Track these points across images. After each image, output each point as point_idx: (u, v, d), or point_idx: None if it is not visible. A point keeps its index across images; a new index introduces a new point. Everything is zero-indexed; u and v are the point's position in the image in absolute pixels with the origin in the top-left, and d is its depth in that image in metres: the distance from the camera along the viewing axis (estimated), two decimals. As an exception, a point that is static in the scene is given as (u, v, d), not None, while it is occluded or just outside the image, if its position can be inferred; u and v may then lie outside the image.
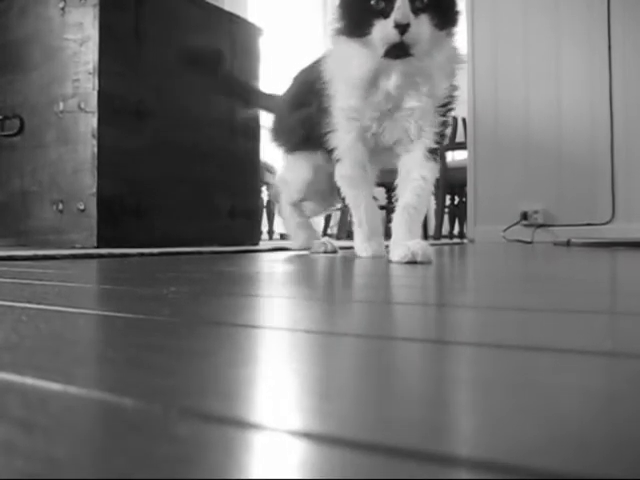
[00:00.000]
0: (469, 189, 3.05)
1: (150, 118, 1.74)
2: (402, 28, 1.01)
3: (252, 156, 2.14)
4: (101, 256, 1.22)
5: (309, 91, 1.26)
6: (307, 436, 0.16)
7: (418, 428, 0.16)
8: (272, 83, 2.46)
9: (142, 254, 1.29)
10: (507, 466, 0.13)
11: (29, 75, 1.72)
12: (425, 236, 1.10)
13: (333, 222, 4.24)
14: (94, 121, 1.59)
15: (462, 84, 1.31)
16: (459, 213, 3.74)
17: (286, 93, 1.46)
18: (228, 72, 1.41)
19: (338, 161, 1.19)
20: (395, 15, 1.01)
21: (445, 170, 3.15)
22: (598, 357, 0.26)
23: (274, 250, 1.72)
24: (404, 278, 0.70)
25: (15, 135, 1.74)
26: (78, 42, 1.63)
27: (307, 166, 1.37)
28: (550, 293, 0.54)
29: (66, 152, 1.63)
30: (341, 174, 1.20)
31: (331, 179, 1.25)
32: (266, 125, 1.73)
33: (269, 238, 3.81)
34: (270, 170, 3.70)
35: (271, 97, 1.61)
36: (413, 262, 0.94)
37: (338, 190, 1.24)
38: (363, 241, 1.20)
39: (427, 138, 1.14)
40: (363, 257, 1.17)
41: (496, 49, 2.90)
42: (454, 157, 3.59)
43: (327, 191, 1.41)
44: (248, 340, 0.31)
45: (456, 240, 3.48)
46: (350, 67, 1.12)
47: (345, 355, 0.27)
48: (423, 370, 0.24)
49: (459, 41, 1.18)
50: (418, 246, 0.97)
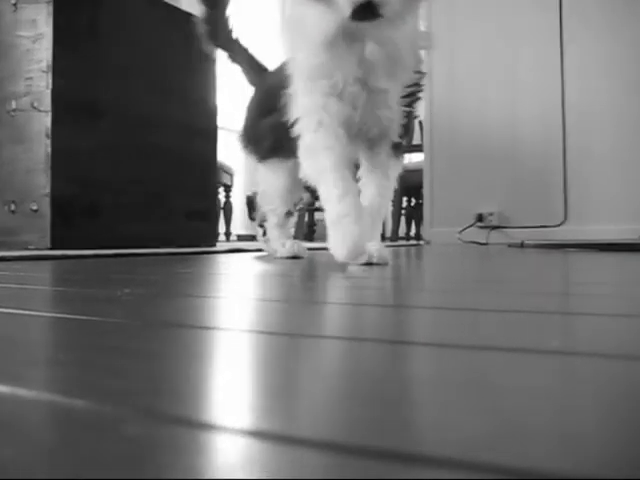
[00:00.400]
0: (425, 191, 3.08)
1: (106, 118, 1.72)
2: None
3: (209, 157, 2.13)
4: (54, 257, 1.20)
5: (276, 95, 1.14)
6: (259, 435, 0.16)
7: (372, 426, 0.17)
8: (230, 85, 2.45)
9: (97, 255, 1.28)
10: (461, 462, 0.14)
11: (-20, 72, 1.69)
12: (382, 237, 1.06)
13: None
14: (48, 120, 1.56)
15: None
16: (415, 215, 3.77)
17: (252, 99, 1.38)
18: None
19: (300, 138, 0.99)
20: None
21: (402, 172, 3.17)
22: (545, 356, 0.26)
23: (231, 252, 1.71)
24: (360, 279, 0.70)
25: (-35, 134, 1.70)
26: (31, 39, 1.60)
27: (284, 174, 1.27)
28: (502, 294, 0.55)
29: (19, 152, 1.60)
30: (305, 148, 0.99)
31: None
32: (225, 127, 1.70)
33: (226, 240, 3.79)
34: (227, 171, 3.69)
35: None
36: (369, 264, 0.95)
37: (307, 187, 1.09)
38: (348, 242, 0.92)
39: (390, 133, 1.03)
40: (343, 262, 0.93)
41: (452, 53, 2.93)
42: (411, 159, 3.61)
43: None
44: (202, 341, 0.31)
45: (412, 241, 3.51)
46: (311, 28, 0.97)
47: (298, 355, 0.27)
48: (378, 370, 0.24)
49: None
50: (374, 248, 0.97)
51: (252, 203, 1.44)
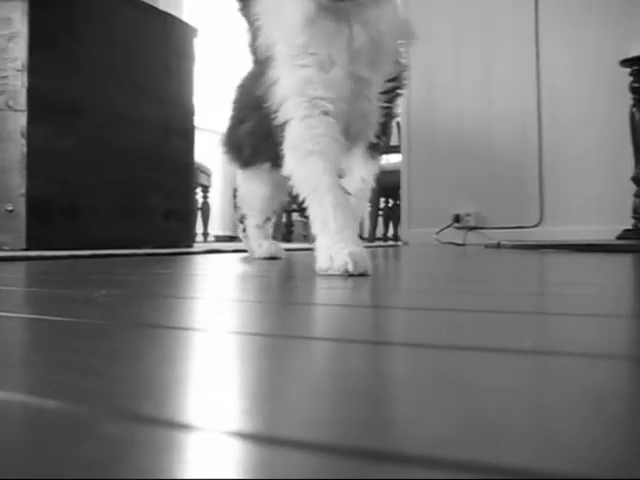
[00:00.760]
0: (403, 192, 3.09)
1: (82, 117, 1.70)
2: None
3: (186, 157, 2.12)
4: (30, 258, 1.19)
5: (252, 97, 1.08)
6: (237, 435, 0.16)
7: (351, 426, 0.17)
8: (207, 84, 2.44)
9: (73, 256, 1.27)
10: (437, 460, 0.14)
11: (-47, 71, 1.67)
12: (360, 238, 1.01)
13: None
14: (23, 120, 1.54)
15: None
16: (393, 216, 3.78)
17: (233, 101, 1.32)
18: None
19: (283, 128, 0.89)
20: None
21: (379, 173, 3.18)
22: (520, 355, 0.26)
23: (209, 252, 1.71)
24: (337, 280, 0.70)
25: (-62, 133, 1.68)
26: (6, 38, 1.58)
27: (264, 183, 1.24)
28: (479, 294, 0.55)
29: (-7, 151, 1.58)
30: (292, 142, 0.88)
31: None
32: (202, 127, 1.68)
33: (204, 240, 3.78)
34: (205, 172, 3.67)
35: None
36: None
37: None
38: (337, 249, 0.78)
39: (369, 130, 0.95)
40: (330, 274, 0.77)
41: (429, 54, 2.95)
42: (388, 160, 3.63)
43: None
44: (179, 342, 0.31)
45: (390, 242, 3.52)
46: (290, 9, 0.88)
47: (276, 356, 0.27)
48: (356, 370, 0.25)
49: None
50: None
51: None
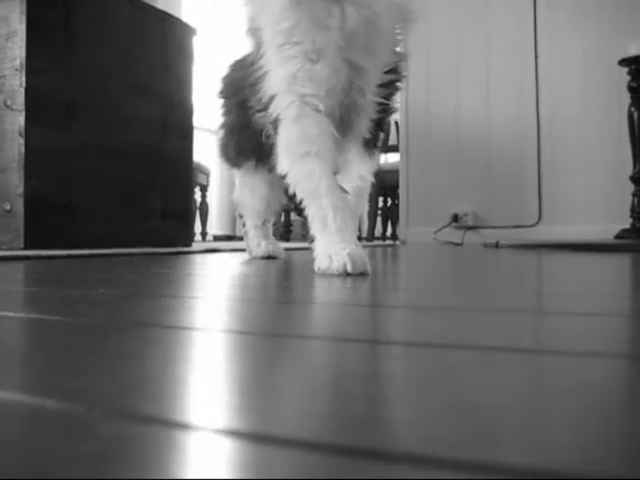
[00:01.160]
0: (401, 191, 3.09)
1: (80, 116, 1.70)
2: None
3: (184, 156, 2.11)
4: (28, 258, 1.19)
5: (238, 90, 1.06)
6: (233, 434, 0.16)
7: (345, 424, 0.17)
8: (205, 84, 2.44)
9: (71, 256, 1.27)
10: (431, 459, 0.14)
11: (-49, 70, 1.66)
12: (359, 238, 0.99)
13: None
14: (21, 119, 1.54)
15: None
16: (391, 215, 3.78)
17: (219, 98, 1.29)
18: None
19: (275, 125, 0.84)
20: None
21: (378, 172, 3.19)
22: (516, 354, 0.27)
23: (207, 252, 1.71)
24: (336, 279, 0.70)
25: (-64, 132, 1.67)
26: (4, 37, 1.58)
27: (260, 188, 1.20)
28: (476, 293, 0.55)
29: (-9, 150, 1.58)
30: (285, 140, 0.82)
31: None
32: (201, 126, 1.68)
33: (202, 240, 3.77)
34: (203, 171, 3.67)
35: None
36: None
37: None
38: (336, 249, 0.76)
39: (362, 125, 0.89)
40: (329, 273, 0.75)
41: (428, 54, 2.95)
42: (387, 160, 3.63)
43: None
44: (176, 341, 0.31)
45: (388, 242, 3.52)
46: None
47: (273, 355, 0.28)
48: (352, 369, 0.25)
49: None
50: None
51: None
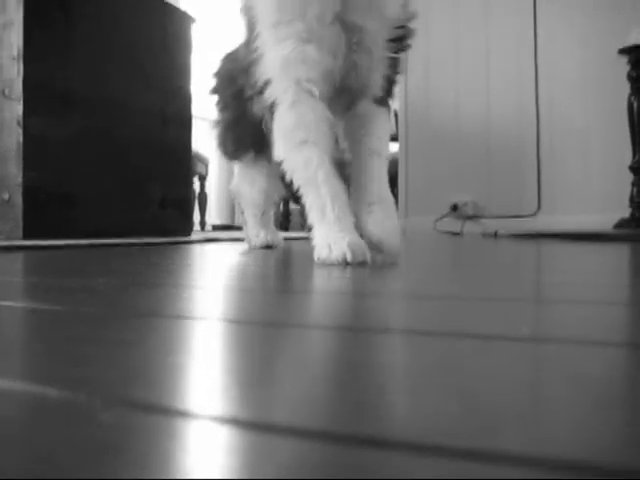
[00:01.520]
0: (400, 181, 3.08)
1: (79, 106, 1.70)
2: None
3: (183, 145, 2.11)
4: (27, 248, 1.19)
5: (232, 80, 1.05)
6: (233, 422, 0.16)
7: (346, 413, 0.17)
8: (204, 73, 2.43)
9: (70, 246, 1.27)
10: (432, 447, 0.14)
11: (-51, 59, 1.66)
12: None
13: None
14: (19, 108, 1.54)
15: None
16: (391, 205, 3.77)
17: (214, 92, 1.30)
18: None
19: (272, 110, 0.81)
20: None
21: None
22: (515, 342, 0.27)
23: (206, 241, 1.71)
24: (335, 269, 0.70)
25: None
26: (1, 25, 1.57)
27: (259, 181, 1.19)
28: (475, 282, 0.55)
29: (-11, 140, 1.58)
30: (282, 127, 0.79)
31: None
32: (200, 115, 1.68)
33: (201, 229, 3.77)
34: (202, 161, 3.66)
35: None
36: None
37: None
38: (335, 239, 0.75)
39: (374, 82, 0.83)
40: (329, 263, 0.75)
41: (428, 43, 2.94)
42: (386, 149, 3.62)
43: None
44: (176, 330, 0.31)
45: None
46: None
47: (273, 344, 0.28)
48: (352, 357, 0.25)
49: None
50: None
51: None
